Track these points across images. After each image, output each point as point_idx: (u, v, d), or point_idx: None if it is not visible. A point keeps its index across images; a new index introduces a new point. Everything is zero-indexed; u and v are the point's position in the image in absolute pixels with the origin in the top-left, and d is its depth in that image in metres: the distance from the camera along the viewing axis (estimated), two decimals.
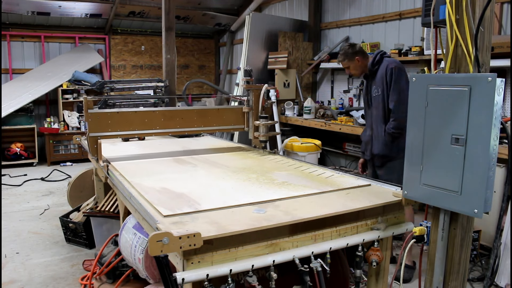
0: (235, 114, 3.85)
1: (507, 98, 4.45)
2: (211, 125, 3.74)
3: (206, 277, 1.81)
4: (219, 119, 3.78)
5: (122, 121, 3.40)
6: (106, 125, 3.34)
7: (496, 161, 1.75)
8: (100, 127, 3.31)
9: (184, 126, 3.63)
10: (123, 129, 3.42)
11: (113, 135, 3.42)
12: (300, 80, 7.27)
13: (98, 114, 3.32)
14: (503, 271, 3.37)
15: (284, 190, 2.56)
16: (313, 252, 2.07)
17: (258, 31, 7.28)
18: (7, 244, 4.40)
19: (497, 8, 4.62)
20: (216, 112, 3.80)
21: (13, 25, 8.88)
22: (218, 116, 3.78)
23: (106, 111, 3.42)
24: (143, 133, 3.57)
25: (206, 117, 3.71)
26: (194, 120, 3.66)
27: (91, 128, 3.29)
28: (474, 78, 1.73)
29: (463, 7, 1.80)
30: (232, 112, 3.87)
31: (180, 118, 3.61)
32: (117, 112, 3.39)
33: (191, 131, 3.77)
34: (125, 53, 10.07)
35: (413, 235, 2.04)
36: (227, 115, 3.83)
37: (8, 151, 8.31)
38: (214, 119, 3.76)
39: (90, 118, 3.27)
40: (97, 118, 3.29)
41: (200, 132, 4.02)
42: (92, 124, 3.29)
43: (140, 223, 2.45)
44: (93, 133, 3.30)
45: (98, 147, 3.28)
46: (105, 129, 3.35)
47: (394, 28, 6.13)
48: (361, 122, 5.53)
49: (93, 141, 3.30)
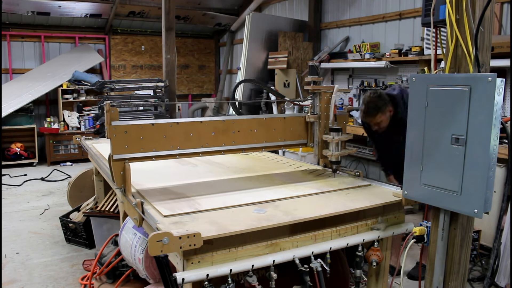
0: (299, 124, 2.96)
1: (507, 98, 4.45)
2: (275, 139, 2.85)
3: (206, 277, 1.81)
4: (285, 132, 2.88)
5: (159, 137, 2.47)
6: (137, 143, 2.41)
7: (496, 161, 1.75)
8: (128, 146, 2.39)
9: (241, 141, 2.71)
10: (161, 147, 2.48)
11: (147, 156, 2.47)
12: (300, 80, 7.27)
13: (126, 127, 2.39)
14: (503, 271, 3.37)
15: (284, 190, 2.56)
16: (313, 252, 2.07)
17: (258, 31, 7.28)
18: (7, 244, 4.40)
19: (497, 8, 4.62)
20: (281, 122, 2.87)
21: (13, 25, 8.88)
22: (285, 127, 2.88)
23: (137, 123, 2.46)
24: (187, 152, 2.58)
25: (269, 129, 2.80)
26: (254, 133, 2.75)
27: (116, 148, 2.36)
28: (474, 78, 1.73)
29: (463, 7, 1.80)
30: (296, 122, 2.95)
31: (237, 131, 2.68)
32: (152, 125, 2.46)
33: (251, 149, 2.82)
34: (125, 53, 10.07)
35: (413, 235, 2.04)
36: (294, 125, 2.92)
37: (8, 151, 8.31)
38: (280, 131, 2.86)
39: (115, 133, 2.35)
40: (124, 133, 2.37)
41: (262, 149, 2.88)
42: (118, 142, 2.36)
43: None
44: (118, 154, 2.37)
45: (125, 173, 2.39)
46: (136, 149, 2.41)
47: (394, 28, 6.13)
48: (361, 122, 5.52)
49: (118, 166, 2.38)
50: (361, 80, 6.49)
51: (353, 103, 6.68)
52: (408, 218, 3.49)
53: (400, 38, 6.00)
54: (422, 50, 5.25)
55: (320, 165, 3.19)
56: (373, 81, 6.24)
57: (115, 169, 2.38)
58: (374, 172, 6.52)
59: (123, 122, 2.41)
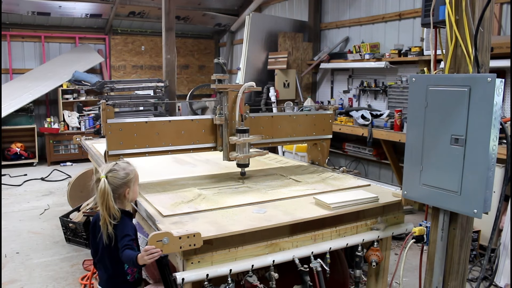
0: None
1: (506, 99, 4.45)
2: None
3: (206, 277, 1.81)
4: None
5: (152, 134, 2.62)
6: (131, 140, 2.56)
7: (495, 161, 1.75)
8: (123, 142, 2.55)
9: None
10: (154, 144, 2.63)
11: (140, 152, 2.62)
12: (300, 80, 7.27)
13: (121, 125, 2.54)
14: (502, 271, 3.37)
15: (284, 190, 2.56)
16: (313, 252, 2.07)
17: (258, 31, 7.28)
18: (7, 244, 4.40)
19: (497, 8, 4.62)
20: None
21: (13, 25, 8.88)
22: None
23: (131, 120, 2.60)
24: (178, 149, 2.75)
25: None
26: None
27: (111, 144, 2.51)
28: (473, 79, 1.73)
29: (462, 7, 1.80)
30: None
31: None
32: (145, 122, 2.61)
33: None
34: (125, 53, 10.07)
35: (413, 235, 2.04)
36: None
37: (8, 151, 8.31)
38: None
39: (110, 130, 2.50)
40: (119, 130, 2.53)
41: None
42: (113, 139, 2.51)
43: (140, 223, 2.45)
44: (114, 150, 2.53)
45: None
46: (130, 145, 2.56)
47: (394, 29, 6.13)
48: (360, 122, 5.53)
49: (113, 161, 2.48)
50: (360, 81, 6.49)
51: (352, 103, 6.68)
52: (408, 218, 3.50)
53: (400, 39, 6.00)
54: (421, 50, 5.26)
55: (308, 162, 3.33)
56: (373, 81, 6.25)
57: None
58: (374, 172, 6.52)
59: (118, 120, 2.55)
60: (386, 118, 5.31)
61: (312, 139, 3.19)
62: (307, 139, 3.18)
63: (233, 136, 2.71)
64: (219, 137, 2.79)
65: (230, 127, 2.74)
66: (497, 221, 1.94)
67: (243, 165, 2.80)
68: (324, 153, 3.26)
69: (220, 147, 2.80)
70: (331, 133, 3.24)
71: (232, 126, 2.73)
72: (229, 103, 2.72)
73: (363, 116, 5.53)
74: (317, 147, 3.29)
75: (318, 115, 3.17)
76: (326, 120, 3.19)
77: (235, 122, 2.72)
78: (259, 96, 7.24)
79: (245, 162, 2.78)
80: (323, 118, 3.18)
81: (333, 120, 3.26)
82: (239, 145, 2.71)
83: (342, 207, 2.22)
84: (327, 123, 3.20)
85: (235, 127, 2.72)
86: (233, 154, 2.71)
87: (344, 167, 3.09)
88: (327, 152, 3.26)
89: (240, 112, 2.69)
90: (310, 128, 3.13)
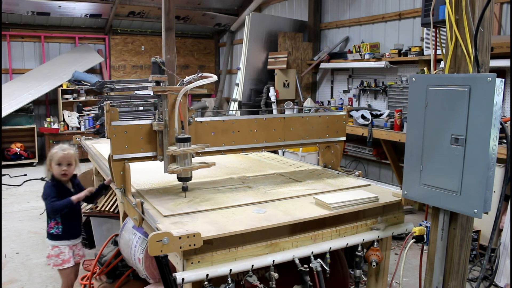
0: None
1: (506, 98, 4.45)
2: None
3: (206, 277, 1.81)
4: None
5: (156, 136, 2.45)
6: (137, 143, 2.39)
7: (495, 161, 1.75)
8: (128, 146, 2.37)
9: (242, 141, 2.69)
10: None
11: (147, 156, 2.45)
12: (300, 80, 7.27)
13: (126, 127, 2.36)
14: (502, 271, 3.37)
15: (284, 190, 2.56)
16: (313, 252, 2.07)
17: (258, 31, 7.28)
18: (7, 244, 4.40)
19: (497, 8, 4.62)
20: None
21: (13, 25, 8.88)
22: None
23: (137, 123, 2.41)
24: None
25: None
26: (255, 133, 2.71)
27: (116, 148, 2.35)
28: (473, 78, 1.73)
29: (462, 7, 1.80)
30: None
31: (236, 131, 2.67)
32: (150, 124, 2.42)
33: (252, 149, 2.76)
34: (125, 53, 10.07)
35: (413, 235, 2.04)
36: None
37: (8, 151, 8.31)
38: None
39: (115, 133, 2.34)
40: (123, 133, 2.35)
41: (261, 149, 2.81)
42: (118, 142, 2.34)
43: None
44: (118, 154, 2.36)
45: (125, 173, 2.38)
46: (136, 149, 2.39)
47: (394, 28, 6.13)
48: (360, 122, 5.53)
49: (118, 166, 2.37)
50: (360, 80, 6.49)
51: (352, 103, 6.68)
52: (408, 218, 3.50)
53: (400, 38, 6.00)
54: (421, 50, 5.26)
55: (320, 165, 3.21)
56: (373, 81, 6.25)
57: (115, 169, 2.37)
58: (374, 172, 6.53)
59: (123, 122, 2.37)
60: (386, 118, 5.31)
61: (326, 141, 3.05)
62: (321, 142, 3.03)
63: (172, 146, 2.36)
64: (159, 146, 2.44)
65: (170, 135, 2.39)
66: (497, 221, 1.94)
67: (185, 179, 2.42)
68: (338, 156, 3.13)
69: (160, 157, 2.45)
70: (345, 135, 3.10)
71: (172, 133, 2.38)
72: (169, 108, 2.38)
73: (363, 116, 5.53)
74: (330, 149, 3.16)
75: (331, 116, 3.03)
76: (339, 122, 3.06)
77: (175, 129, 2.36)
78: (259, 96, 7.24)
79: (187, 176, 2.41)
80: (336, 119, 3.05)
81: (347, 121, 3.14)
82: (179, 156, 2.33)
83: (342, 207, 2.22)
84: (341, 124, 3.07)
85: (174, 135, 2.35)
86: (172, 167, 2.33)
87: (359, 171, 3.00)
88: (340, 155, 3.14)
89: (180, 119, 2.34)
90: (323, 130, 2.99)
